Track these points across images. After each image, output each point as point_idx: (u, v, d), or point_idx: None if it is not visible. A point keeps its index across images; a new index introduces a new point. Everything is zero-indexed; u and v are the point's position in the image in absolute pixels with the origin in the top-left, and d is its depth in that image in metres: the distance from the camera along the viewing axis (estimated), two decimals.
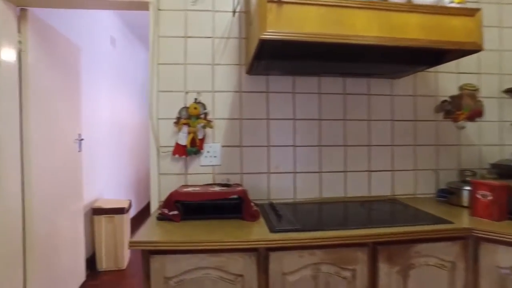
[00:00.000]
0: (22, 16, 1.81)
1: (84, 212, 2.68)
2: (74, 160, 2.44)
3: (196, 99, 1.61)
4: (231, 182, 1.52)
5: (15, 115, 1.76)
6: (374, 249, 1.18)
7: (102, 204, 2.91)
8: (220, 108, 1.64)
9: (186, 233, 1.16)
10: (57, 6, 1.76)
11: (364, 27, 1.20)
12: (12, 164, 1.74)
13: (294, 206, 1.57)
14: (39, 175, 1.94)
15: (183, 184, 1.60)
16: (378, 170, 1.76)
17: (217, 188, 1.39)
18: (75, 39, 2.54)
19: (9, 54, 1.71)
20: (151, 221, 1.31)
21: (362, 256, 1.17)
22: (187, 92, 1.62)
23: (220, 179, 1.62)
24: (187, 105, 1.60)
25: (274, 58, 1.39)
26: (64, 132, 2.28)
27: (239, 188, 1.37)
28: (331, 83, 1.72)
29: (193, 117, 1.57)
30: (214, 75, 1.64)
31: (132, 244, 1.07)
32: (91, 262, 2.84)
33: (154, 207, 1.58)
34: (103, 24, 3.44)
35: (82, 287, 2.55)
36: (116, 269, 2.89)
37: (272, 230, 1.18)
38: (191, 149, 1.57)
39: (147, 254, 1.10)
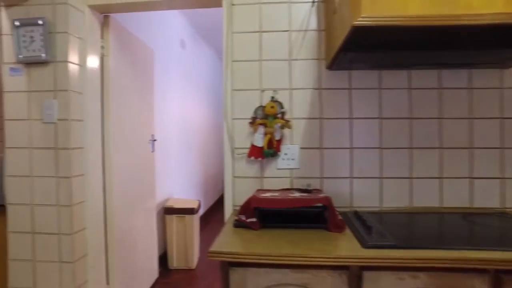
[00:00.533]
0: (105, 23, 1.90)
1: (157, 211, 2.76)
2: (148, 160, 2.52)
3: (272, 97, 1.51)
4: (311, 187, 1.39)
5: (97, 117, 1.85)
6: (497, 279, 0.95)
7: (173, 204, 2.99)
8: (298, 106, 1.52)
9: (266, 244, 1.06)
10: (136, 10, 1.79)
11: (483, 3, 0.97)
12: (96, 163, 1.82)
13: (381, 215, 1.38)
14: (118, 175, 2.01)
15: (259, 188, 1.51)
16: (482, 177, 1.48)
17: (297, 194, 1.27)
18: (147, 42, 2.62)
19: (94, 60, 1.80)
20: (227, 228, 1.23)
21: (480, 285, 0.95)
22: (263, 90, 1.53)
23: (299, 183, 1.50)
24: (263, 104, 1.51)
25: (363, 49, 1.22)
26: (139, 132, 2.36)
27: (323, 195, 1.23)
28: (424, 77, 1.49)
29: (270, 116, 1.47)
30: (292, 71, 1.52)
31: (211, 255, 1.00)
32: (162, 260, 2.92)
33: (228, 212, 1.52)
34: (173, 26, 3.55)
35: (155, 284, 2.62)
36: (186, 268, 2.94)
37: (365, 245, 1.02)
38: (268, 151, 1.47)
39: (226, 265, 1.02)
